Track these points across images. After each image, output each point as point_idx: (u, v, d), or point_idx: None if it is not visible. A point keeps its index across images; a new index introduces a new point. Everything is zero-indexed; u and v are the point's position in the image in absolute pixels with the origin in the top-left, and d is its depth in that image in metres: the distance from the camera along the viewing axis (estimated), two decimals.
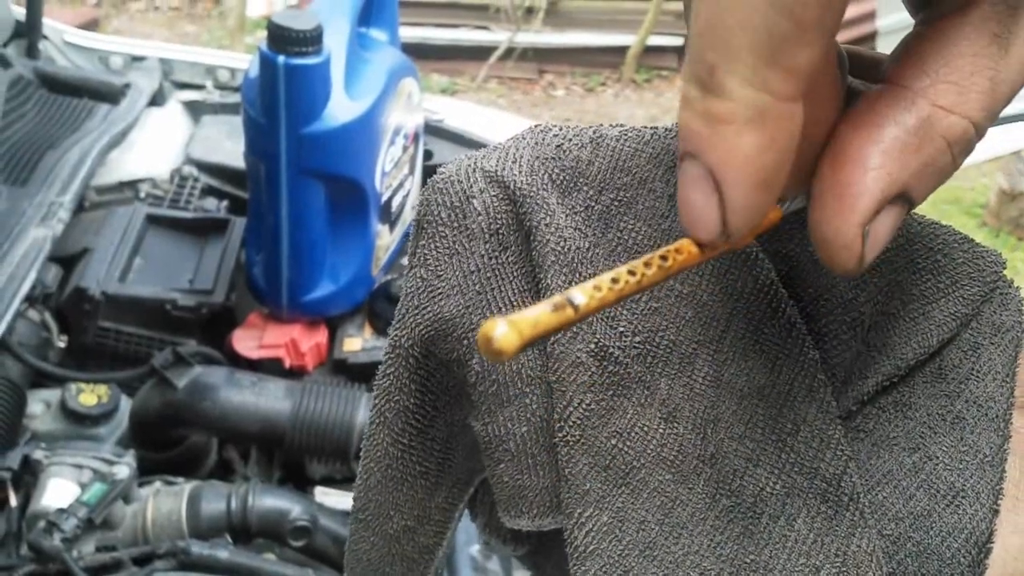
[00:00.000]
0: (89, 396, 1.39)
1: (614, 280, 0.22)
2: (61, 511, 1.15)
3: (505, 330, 0.20)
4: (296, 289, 1.44)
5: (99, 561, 1.14)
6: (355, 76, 1.36)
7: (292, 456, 1.39)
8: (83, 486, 1.22)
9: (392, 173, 1.51)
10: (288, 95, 1.28)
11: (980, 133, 0.24)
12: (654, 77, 5.79)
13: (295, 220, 1.38)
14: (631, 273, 0.23)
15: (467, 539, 1.22)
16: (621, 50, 5.65)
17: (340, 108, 1.32)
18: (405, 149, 1.55)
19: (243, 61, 1.93)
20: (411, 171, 1.61)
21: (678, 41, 5.75)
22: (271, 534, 1.24)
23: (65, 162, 1.47)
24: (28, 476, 1.25)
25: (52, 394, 1.42)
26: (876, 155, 0.23)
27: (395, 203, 1.56)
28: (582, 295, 0.22)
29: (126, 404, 1.42)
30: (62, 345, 1.47)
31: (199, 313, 1.46)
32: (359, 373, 1.47)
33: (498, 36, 5.58)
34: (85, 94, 1.71)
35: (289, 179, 1.34)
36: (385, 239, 1.55)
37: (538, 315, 0.21)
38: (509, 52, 5.55)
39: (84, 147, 1.52)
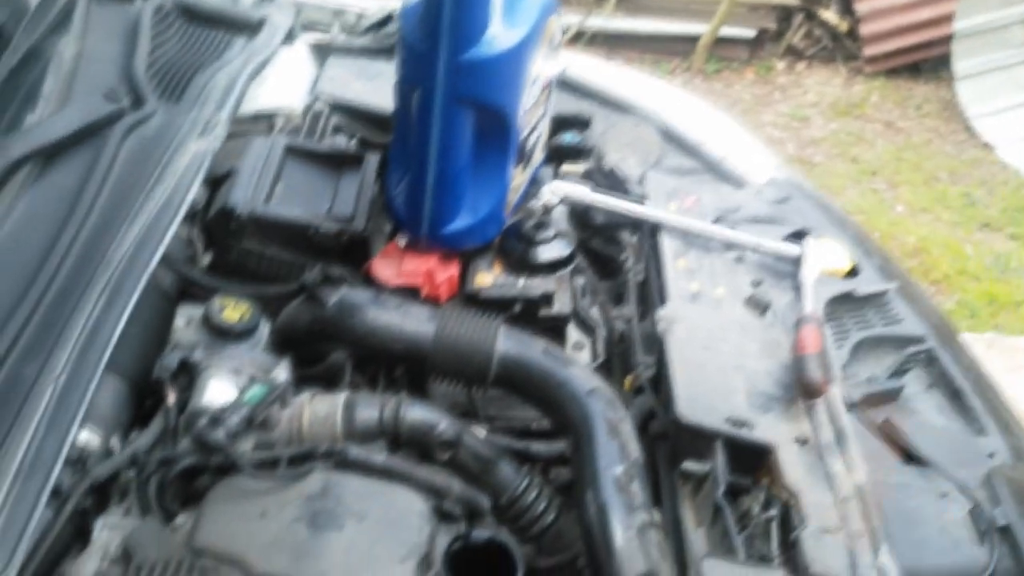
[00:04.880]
0: (232, 312, 1.42)
1: None
2: (225, 408, 1.18)
3: None
4: (437, 219, 1.47)
5: (258, 458, 1.17)
6: (512, 6, 1.38)
7: (434, 377, 1.40)
8: (241, 389, 1.25)
9: (531, 111, 1.53)
10: (451, 20, 1.30)
11: None
12: (724, 68, 5.77)
13: (444, 149, 1.40)
14: None
15: (609, 462, 1.24)
16: (692, 39, 5.64)
17: (498, 36, 1.34)
18: (542, 90, 1.57)
19: (370, 5, 1.96)
20: (544, 114, 1.63)
21: (750, 33, 5.74)
22: (418, 445, 1.26)
23: (216, 83, 1.51)
24: (184, 377, 1.29)
25: (195, 310, 1.45)
26: None
27: (529, 144, 1.58)
28: None
29: (265, 325, 1.45)
30: (205, 263, 1.51)
31: (340, 240, 1.49)
32: (489, 308, 1.49)
33: (569, 19, 5.59)
34: (223, 26, 1.75)
35: (443, 106, 1.36)
36: (517, 179, 1.57)
37: None
38: (579, 35, 5.56)
39: (231, 72, 1.56)
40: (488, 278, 1.52)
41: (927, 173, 5.12)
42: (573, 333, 1.60)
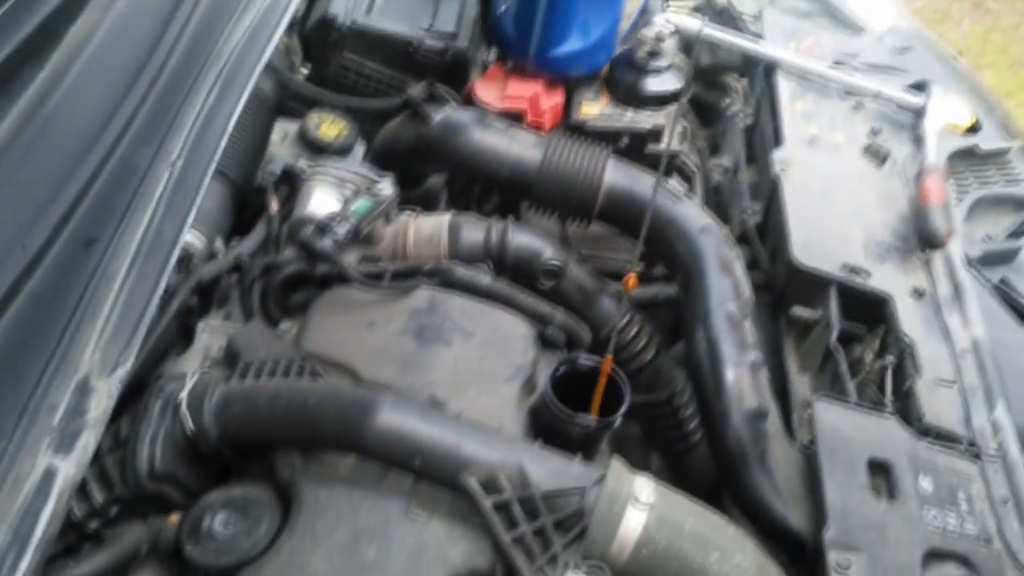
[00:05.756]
0: (329, 128, 1.37)
1: None
2: (333, 216, 1.14)
3: None
4: (546, 40, 1.39)
5: (363, 270, 1.14)
6: None
7: (535, 208, 1.35)
8: (345, 201, 1.21)
9: None
10: None
11: None
12: None
13: None
14: None
15: (721, 299, 1.20)
16: None
17: None
18: None
19: None
20: None
21: None
22: (523, 271, 1.22)
23: None
24: (285, 187, 1.25)
25: (290, 125, 1.40)
26: None
27: None
28: None
29: (360, 146, 1.40)
30: (304, 73, 1.45)
31: (443, 57, 1.42)
32: (595, 140, 1.43)
33: None
34: None
35: None
36: (630, 5, 1.48)
37: None
38: None
39: None
40: (594, 108, 1.45)
41: (1013, 57, 4.86)
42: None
